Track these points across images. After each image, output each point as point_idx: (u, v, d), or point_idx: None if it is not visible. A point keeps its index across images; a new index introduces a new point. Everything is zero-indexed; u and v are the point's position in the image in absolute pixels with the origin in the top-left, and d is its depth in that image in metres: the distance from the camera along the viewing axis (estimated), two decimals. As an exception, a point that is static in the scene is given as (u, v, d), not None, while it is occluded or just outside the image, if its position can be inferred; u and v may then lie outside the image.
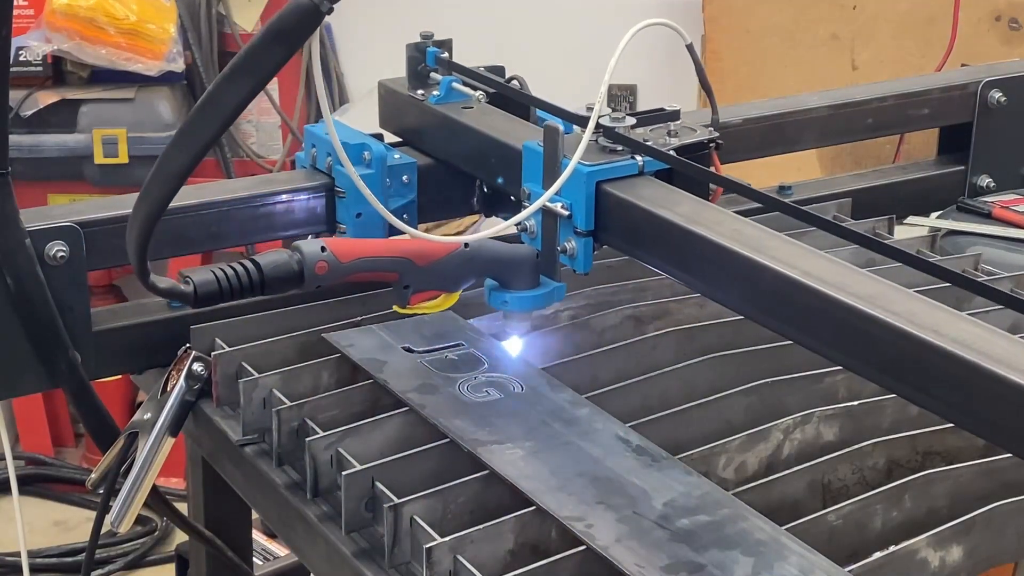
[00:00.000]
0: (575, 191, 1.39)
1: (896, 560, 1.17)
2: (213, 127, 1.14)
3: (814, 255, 1.24)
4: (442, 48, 1.72)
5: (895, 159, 2.45)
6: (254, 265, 1.29)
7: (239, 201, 1.59)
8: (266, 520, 1.48)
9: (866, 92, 2.00)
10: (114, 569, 3.54)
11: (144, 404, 1.45)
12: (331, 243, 1.33)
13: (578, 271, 1.41)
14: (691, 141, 1.46)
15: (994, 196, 2.03)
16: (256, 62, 1.12)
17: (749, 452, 1.33)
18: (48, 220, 1.46)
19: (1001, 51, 3.26)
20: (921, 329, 1.08)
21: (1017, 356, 1.03)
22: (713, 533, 1.15)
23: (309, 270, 1.30)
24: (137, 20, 3.61)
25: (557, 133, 1.40)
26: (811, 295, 1.17)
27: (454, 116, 1.66)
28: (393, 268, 1.36)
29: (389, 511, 1.20)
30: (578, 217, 1.39)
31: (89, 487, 1.47)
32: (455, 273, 1.39)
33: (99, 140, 3.57)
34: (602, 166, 1.39)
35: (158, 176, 1.16)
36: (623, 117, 1.44)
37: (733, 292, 1.28)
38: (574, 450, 1.29)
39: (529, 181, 1.46)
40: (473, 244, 1.39)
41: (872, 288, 1.16)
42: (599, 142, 1.42)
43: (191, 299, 1.27)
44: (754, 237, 1.27)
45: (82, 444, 4.02)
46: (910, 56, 3.44)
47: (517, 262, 1.43)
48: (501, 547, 1.18)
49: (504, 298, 1.44)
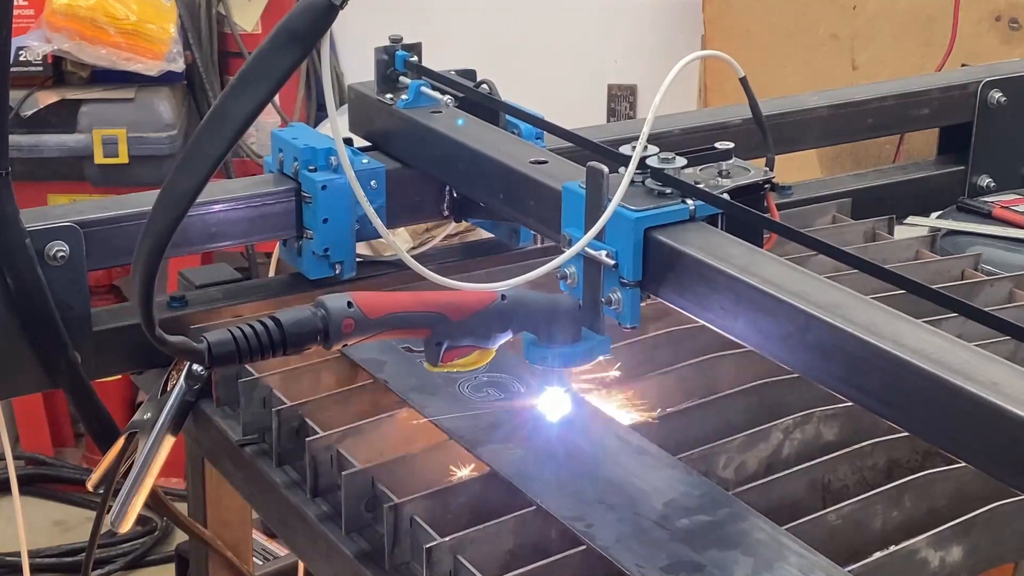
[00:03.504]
0: (622, 238, 1.27)
1: (896, 560, 1.17)
2: (223, 143, 1.08)
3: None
4: (411, 52, 1.69)
5: (895, 159, 2.45)
6: (275, 323, 1.18)
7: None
8: (266, 520, 1.48)
9: (866, 92, 2.00)
10: (114, 569, 3.54)
11: (144, 404, 1.45)
12: (358, 297, 1.21)
13: (624, 324, 1.30)
14: (745, 182, 1.34)
15: (994, 196, 2.03)
16: (269, 66, 1.08)
17: (749, 452, 1.33)
18: (48, 220, 1.46)
19: (1001, 51, 3.26)
20: (881, 339, 1.06)
21: (976, 367, 1.01)
22: (713, 533, 1.15)
23: (335, 328, 1.19)
24: (137, 20, 3.60)
25: (601, 175, 1.28)
26: (771, 301, 1.15)
27: (422, 121, 1.63)
28: (426, 323, 1.25)
29: (389, 511, 1.20)
30: (624, 266, 1.27)
31: (89, 487, 1.46)
32: (491, 327, 1.28)
33: (99, 140, 3.56)
34: (651, 211, 1.27)
35: (163, 203, 1.09)
36: (672, 158, 1.32)
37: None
38: (574, 450, 1.29)
39: (570, 226, 1.33)
40: (511, 295, 1.28)
41: (834, 297, 1.13)
42: (646, 184, 1.31)
43: (204, 360, 1.17)
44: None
45: (82, 444, 4.02)
46: (910, 56, 3.44)
47: (558, 315, 1.30)
48: (501, 547, 1.18)
49: (544, 353, 1.31)
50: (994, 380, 1.00)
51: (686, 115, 1.83)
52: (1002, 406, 0.97)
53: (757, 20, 3.65)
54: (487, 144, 1.54)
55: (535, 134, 1.64)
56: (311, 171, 1.59)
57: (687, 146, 1.38)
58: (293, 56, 1.08)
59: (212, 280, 1.64)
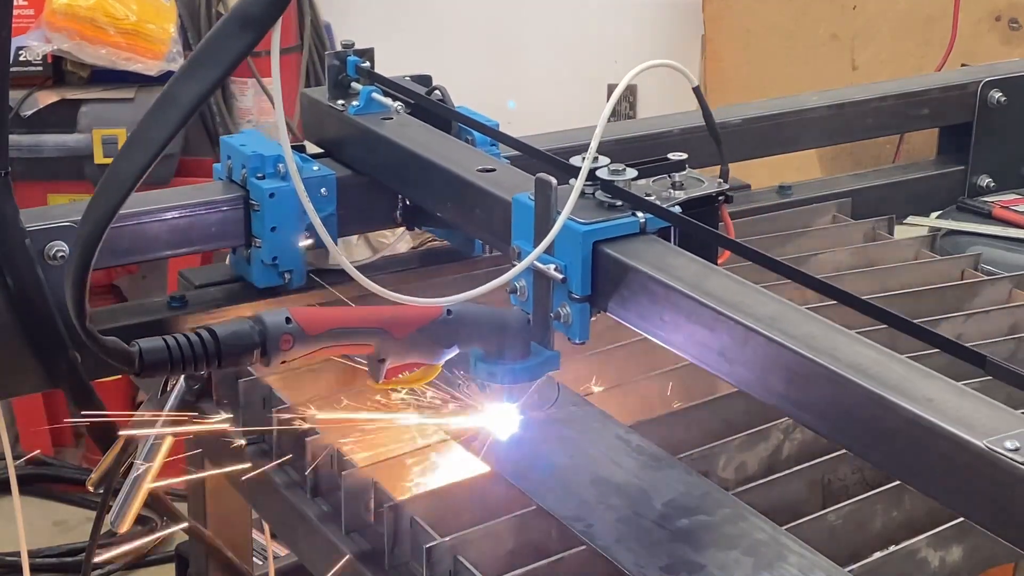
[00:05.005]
0: (570, 252, 1.25)
1: (896, 560, 1.17)
2: (169, 127, 1.04)
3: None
4: (363, 57, 1.67)
5: (895, 159, 2.45)
6: (211, 335, 1.15)
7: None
8: (266, 520, 1.48)
9: (866, 92, 2.00)
10: (114, 569, 3.54)
11: (144, 404, 1.45)
12: (298, 312, 1.18)
13: (574, 340, 1.27)
14: (698, 194, 1.31)
15: (994, 196, 2.03)
16: (221, 51, 1.05)
17: (749, 452, 1.33)
18: (48, 220, 1.46)
19: (1001, 51, 3.26)
20: (818, 353, 1.04)
21: (913, 382, 1.00)
22: (713, 533, 1.15)
23: (273, 343, 1.16)
24: (137, 20, 3.60)
25: (550, 187, 1.25)
26: (710, 314, 1.14)
27: (372, 127, 1.61)
28: (368, 339, 1.21)
29: (389, 511, 1.20)
30: (573, 281, 1.25)
31: (89, 487, 1.46)
32: (436, 343, 1.24)
33: (99, 140, 3.56)
34: (600, 224, 1.25)
35: (106, 187, 1.06)
36: (623, 169, 1.29)
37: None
38: (574, 450, 1.29)
39: (520, 239, 1.30)
40: (456, 310, 1.24)
41: (772, 309, 1.12)
42: (596, 196, 1.28)
43: (134, 364, 1.13)
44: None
45: (82, 444, 4.02)
46: (910, 56, 3.44)
47: (506, 330, 1.27)
48: (501, 547, 1.18)
49: (491, 369, 1.27)
50: (929, 396, 0.98)
51: (686, 115, 1.83)
52: (934, 422, 0.95)
53: (757, 20, 3.65)
54: (434, 151, 1.52)
55: (489, 141, 1.60)
56: (259, 179, 1.56)
57: (687, 146, 1.37)
58: (245, 41, 1.05)
59: (212, 280, 1.64)
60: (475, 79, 4.20)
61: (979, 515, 0.96)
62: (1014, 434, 0.92)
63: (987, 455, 0.91)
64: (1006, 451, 0.91)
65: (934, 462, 0.96)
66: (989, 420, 0.95)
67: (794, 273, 1.16)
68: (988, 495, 0.93)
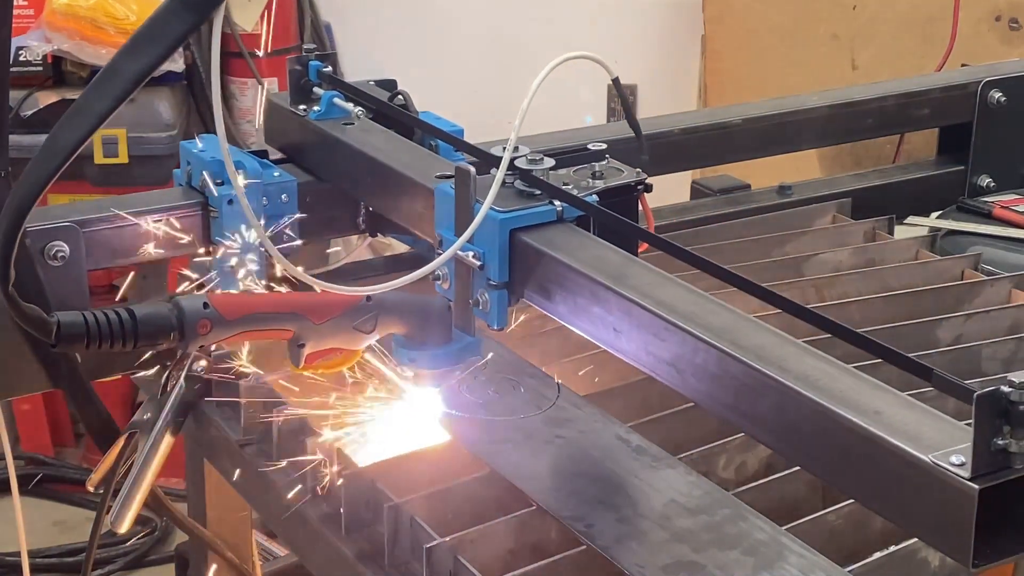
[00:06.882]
0: (488, 240, 1.27)
1: (896, 560, 1.17)
2: (110, 100, 1.06)
3: (677, 285, 1.18)
4: (325, 62, 1.66)
5: (895, 159, 2.45)
6: (129, 314, 1.18)
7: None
8: (266, 520, 1.48)
9: (866, 92, 2.00)
10: (114, 569, 3.54)
11: (144, 404, 1.45)
12: (215, 298, 1.21)
13: (492, 326, 1.29)
14: (616, 184, 1.34)
15: (994, 196, 2.03)
16: (163, 30, 1.05)
17: (749, 452, 1.33)
18: (48, 220, 1.46)
19: (1001, 51, 3.26)
20: (767, 365, 1.04)
21: (861, 394, 0.99)
22: (713, 533, 1.15)
23: (190, 328, 1.19)
24: (137, 20, 3.60)
25: (469, 176, 1.27)
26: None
27: (333, 133, 1.60)
28: (286, 324, 1.23)
29: (389, 511, 1.20)
30: (491, 268, 1.27)
31: (89, 487, 1.46)
32: (356, 329, 1.26)
33: (99, 140, 3.56)
34: (516, 212, 1.27)
35: (44, 154, 1.08)
36: (540, 159, 1.31)
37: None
38: (574, 450, 1.29)
39: (442, 227, 1.33)
40: (376, 297, 1.26)
41: (724, 320, 1.11)
42: (516, 186, 1.31)
43: (51, 335, 1.15)
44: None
45: (82, 444, 4.02)
46: (910, 56, 3.43)
47: (426, 316, 1.30)
48: (501, 547, 1.18)
49: (412, 355, 1.31)
50: (877, 408, 0.97)
51: (686, 115, 1.83)
52: (880, 436, 0.94)
53: (757, 20, 3.65)
54: (392, 157, 1.50)
55: (444, 152, 1.58)
56: (218, 184, 1.54)
57: (686, 146, 1.37)
58: (187, 22, 1.05)
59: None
60: (475, 79, 4.20)
61: (924, 529, 0.95)
62: (960, 449, 0.90)
63: (933, 470, 0.90)
64: (951, 466, 0.90)
65: (880, 476, 0.95)
66: (936, 434, 0.94)
67: (708, 265, 1.17)
68: (932, 510, 0.91)
